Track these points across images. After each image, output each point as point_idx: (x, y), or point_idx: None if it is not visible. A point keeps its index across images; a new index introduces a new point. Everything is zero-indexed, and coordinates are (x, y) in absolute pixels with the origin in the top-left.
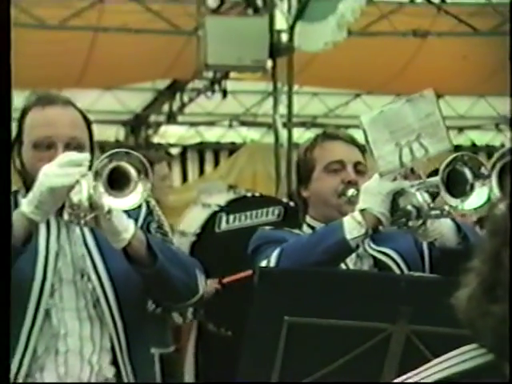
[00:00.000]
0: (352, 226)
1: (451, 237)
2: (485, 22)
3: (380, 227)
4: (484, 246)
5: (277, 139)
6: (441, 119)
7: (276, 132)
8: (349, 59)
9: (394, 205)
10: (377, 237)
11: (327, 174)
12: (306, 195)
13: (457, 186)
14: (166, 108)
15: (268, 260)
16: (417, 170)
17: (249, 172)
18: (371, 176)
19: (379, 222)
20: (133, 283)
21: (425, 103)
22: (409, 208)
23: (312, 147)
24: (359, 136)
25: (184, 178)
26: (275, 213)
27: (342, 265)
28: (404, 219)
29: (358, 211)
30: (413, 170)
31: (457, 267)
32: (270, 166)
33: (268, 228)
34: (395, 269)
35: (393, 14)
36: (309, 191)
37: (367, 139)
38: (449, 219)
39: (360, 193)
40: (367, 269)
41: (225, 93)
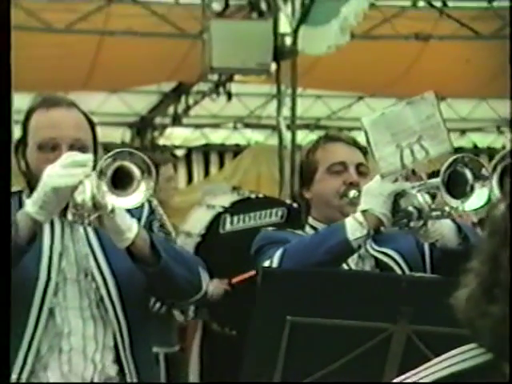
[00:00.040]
0: (354, 227)
1: (452, 237)
2: (486, 26)
3: (381, 228)
4: (483, 247)
5: (281, 141)
6: (441, 121)
7: (280, 134)
8: (352, 62)
9: (396, 206)
10: (378, 237)
11: (329, 176)
12: (309, 196)
13: (457, 187)
14: (172, 110)
15: (271, 260)
16: (418, 172)
17: (253, 173)
18: (373, 177)
19: (381, 223)
20: (136, 282)
21: (425, 105)
22: (410, 209)
23: (314, 149)
24: (362, 138)
25: (189, 180)
26: (279, 214)
27: (344, 265)
28: (405, 220)
29: (360, 212)
30: (414, 172)
31: (457, 268)
32: (274, 168)
33: (271, 229)
34: (396, 269)
35: (395, 18)
36: (311, 192)
37: (368, 141)
38: (449, 220)
39: (362, 194)
40: (369, 269)
41: (229, 95)
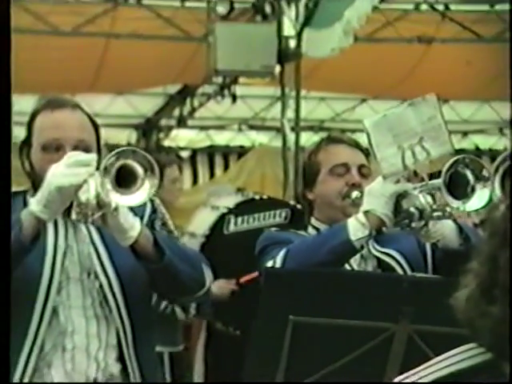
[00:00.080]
0: (356, 228)
1: (453, 238)
2: (488, 29)
3: (383, 228)
4: (483, 248)
5: (285, 143)
6: (443, 123)
7: (284, 136)
8: (355, 65)
9: (397, 206)
10: (380, 238)
11: (332, 177)
12: (312, 197)
13: (458, 188)
14: (177, 112)
15: (274, 261)
16: (420, 173)
17: (257, 175)
18: (375, 179)
19: (383, 224)
20: (139, 280)
21: (427, 107)
22: (411, 210)
23: (317, 151)
24: (365, 140)
25: (194, 181)
26: (282, 215)
27: (346, 265)
28: (407, 221)
29: (362, 213)
30: (416, 173)
31: (459, 268)
32: (278, 169)
33: (274, 229)
34: (398, 270)
35: (398, 21)
36: (314, 194)
37: (370, 142)
38: (451, 221)
39: (364, 195)
40: (371, 269)
41: (234, 97)
